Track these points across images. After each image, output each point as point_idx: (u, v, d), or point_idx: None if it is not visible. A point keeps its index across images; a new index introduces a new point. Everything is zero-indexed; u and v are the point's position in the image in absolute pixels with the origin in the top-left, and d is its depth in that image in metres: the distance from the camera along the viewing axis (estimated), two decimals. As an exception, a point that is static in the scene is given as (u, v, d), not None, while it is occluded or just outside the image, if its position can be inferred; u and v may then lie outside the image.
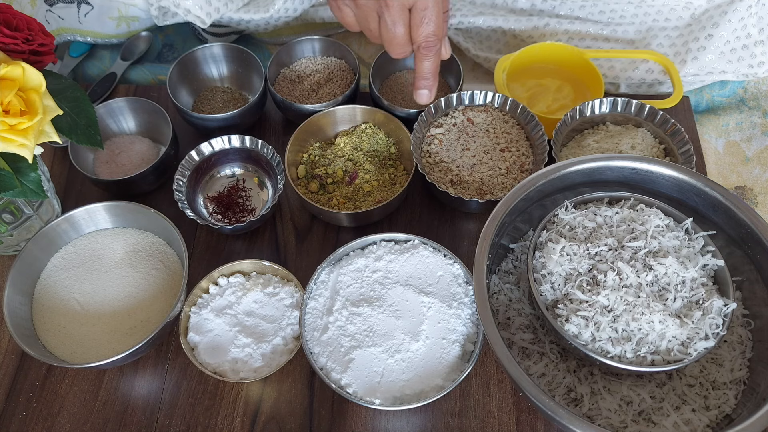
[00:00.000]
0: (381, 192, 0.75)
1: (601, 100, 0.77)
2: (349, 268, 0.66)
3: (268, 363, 0.63)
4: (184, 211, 0.72)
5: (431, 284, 0.65)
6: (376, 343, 0.61)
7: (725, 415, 0.59)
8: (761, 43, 0.83)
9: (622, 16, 0.87)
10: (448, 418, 0.65)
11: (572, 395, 0.61)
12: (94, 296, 0.67)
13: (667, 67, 0.81)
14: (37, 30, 0.62)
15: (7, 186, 0.60)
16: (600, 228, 0.62)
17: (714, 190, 0.62)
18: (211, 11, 0.85)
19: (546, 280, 0.60)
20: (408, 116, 0.78)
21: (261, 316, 0.66)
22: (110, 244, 0.71)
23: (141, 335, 0.65)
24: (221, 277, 0.69)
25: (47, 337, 0.65)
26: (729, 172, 0.82)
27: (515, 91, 0.84)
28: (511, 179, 0.74)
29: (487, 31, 0.91)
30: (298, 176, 0.77)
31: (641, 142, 0.75)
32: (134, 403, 0.67)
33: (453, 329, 0.62)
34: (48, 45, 0.63)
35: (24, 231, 0.73)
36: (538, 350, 0.63)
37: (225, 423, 0.65)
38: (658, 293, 0.58)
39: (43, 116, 0.57)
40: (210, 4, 0.85)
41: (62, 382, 0.68)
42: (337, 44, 0.86)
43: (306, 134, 0.78)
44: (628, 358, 0.55)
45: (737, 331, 0.62)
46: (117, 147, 0.80)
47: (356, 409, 0.65)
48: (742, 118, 0.85)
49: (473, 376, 0.67)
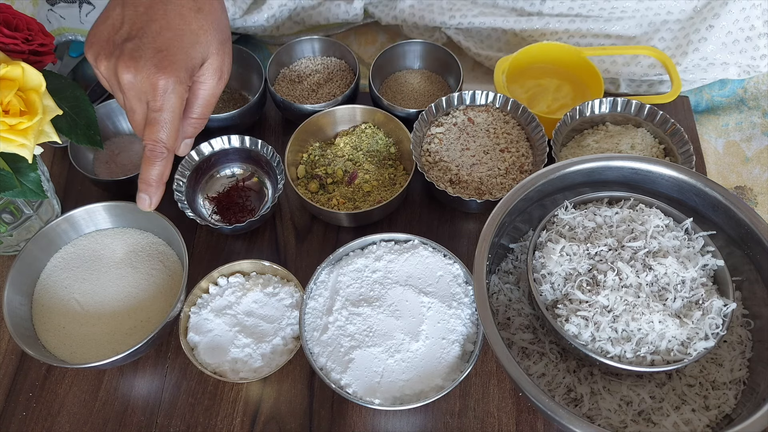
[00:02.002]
0: (381, 192, 0.75)
1: (601, 100, 0.77)
2: (349, 268, 0.66)
3: (267, 363, 0.63)
4: (183, 211, 0.72)
5: (431, 284, 0.65)
6: (375, 343, 0.61)
7: (725, 415, 0.59)
8: (765, 36, 0.82)
9: (623, 11, 0.86)
10: (448, 418, 0.65)
11: (572, 395, 0.61)
12: (94, 296, 0.67)
13: (665, 62, 0.81)
14: (36, 30, 0.62)
15: (7, 186, 0.60)
16: (600, 228, 0.62)
17: (714, 190, 0.62)
18: None
19: (546, 280, 0.60)
20: (408, 116, 0.78)
21: (261, 316, 0.66)
22: (110, 244, 0.71)
23: (141, 335, 0.65)
24: (221, 277, 0.69)
25: (47, 337, 0.65)
26: (729, 172, 0.82)
27: (515, 92, 0.84)
28: (510, 180, 0.74)
29: (488, 30, 0.91)
30: (298, 176, 0.77)
31: (641, 142, 0.75)
32: (134, 403, 0.67)
33: (453, 329, 0.62)
34: (48, 45, 0.63)
35: (24, 231, 0.73)
36: (537, 350, 0.63)
37: (225, 423, 0.65)
38: (658, 293, 0.58)
39: (43, 116, 0.57)
40: None
41: (62, 382, 0.68)
42: (337, 44, 0.86)
43: (306, 134, 0.78)
44: (627, 358, 0.55)
45: (737, 331, 0.62)
46: (117, 147, 0.80)
47: (356, 409, 0.65)
48: (741, 118, 0.85)
49: (473, 376, 0.67)
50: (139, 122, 0.57)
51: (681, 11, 0.86)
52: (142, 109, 0.56)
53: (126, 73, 0.54)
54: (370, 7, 0.92)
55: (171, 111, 0.55)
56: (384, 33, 0.97)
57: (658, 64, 0.84)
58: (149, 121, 0.56)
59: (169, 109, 0.55)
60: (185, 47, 0.55)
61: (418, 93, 0.86)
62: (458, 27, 0.90)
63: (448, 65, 0.85)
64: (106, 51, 0.55)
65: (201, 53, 0.56)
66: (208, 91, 0.59)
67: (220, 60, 0.58)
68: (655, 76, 0.86)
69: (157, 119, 0.55)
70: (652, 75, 0.85)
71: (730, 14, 0.81)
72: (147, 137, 0.56)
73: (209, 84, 0.58)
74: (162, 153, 0.57)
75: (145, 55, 0.53)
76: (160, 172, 0.59)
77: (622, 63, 0.86)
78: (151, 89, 0.54)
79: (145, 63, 0.53)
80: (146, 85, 0.54)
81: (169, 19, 0.55)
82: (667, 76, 0.84)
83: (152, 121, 0.55)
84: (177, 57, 0.54)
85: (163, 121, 0.55)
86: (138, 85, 0.54)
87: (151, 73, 0.53)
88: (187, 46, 0.55)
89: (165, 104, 0.55)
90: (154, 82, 0.53)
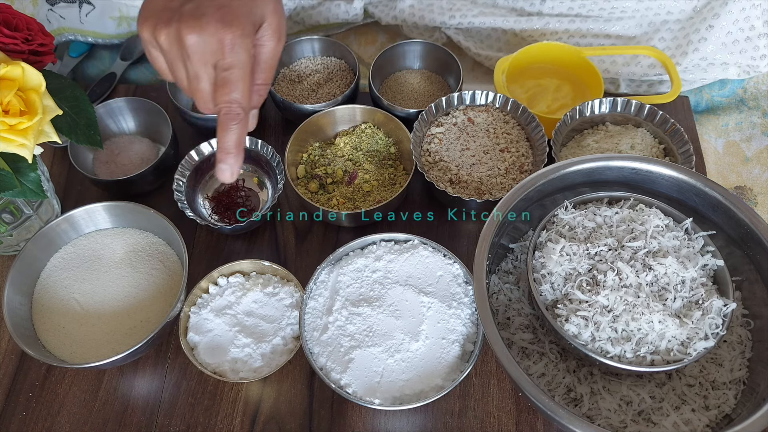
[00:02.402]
0: (381, 192, 0.75)
1: (601, 100, 0.77)
2: (349, 268, 0.66)
3: (267, 363, 0.63)
4: (183, 211, 0.72)
5: (431, 284, 0.65)
6: (375, 343, 0.61)
7: (725, 415, 0.59)
8: (765, 36, 0.82)
9: (623, 11, 0.86)
10: (448, 418, 0.65)
11: (572, 395, 0.61)
12: (94, 296, 0.67)
13: (664, 62, 0.81)
14: (36, 30, 0.62)
15: (6, 186, 0.60)
16: (600, 228, 0.62)
17: (714, 190, 0.62)
18: None
19: (546, 280, 0.60)
20: (408, 116, 0.78)
21: (261, 316, 0.66)
22: (110, 244, 0.71)
23: (141, 335, 0.65)
24: (221, 277, 0.69)
25: (47, 337, 0.65)
26: (729, 172, 0.82)
27: (515, 92, 0.84)
28: (510, 180, 0.74)
29: (488, 30, 0.91)
30: (297, 176, 0.77)
31: (641, 142, 0.75)
32: (134, 403, 0.67)
33: (453, 329, 0.62)
34: (48, 45, 0.63)
35: (24, 231, 0.73)
36: (537, 350, 0.63)
37: (225, 423, 0.65)
38: (658, 293, 0.58)
39: (43, 116, 0.57)
40: None
41: (62, 382, 0.68)
42: (336, 44, 0.86)
43: (306, 134, 0.78)
44: (627, 358, 0.55)
45: (737, 331, 0.62)
46: (117, 147, 0.80)
47: (356, 409, 0.65)
48: (741, 118, 0.85)
49: (473, 376, 0.67)
50: (205, 90, 0.54)
51: (681, 11, 0.86)
52: (208, 74, 0.53)
53: (190, 34, 0.52)
54: (370, 7, 0.92)
55: (242, 67, 0.53)
56: (384, 33, 0.97)
57: (658, 64, 0.84)
58: (220, 82, 0.53)
59: (240, 65, 0.53)
60: (246, 4, 0.54)
61: (418, 93, 0.86)
62: (458, 27, 0.90)
63: (448, 65, 0.85)
64: (164, 19, 0.53)
65: (261, 10, 0.55)
66: (269, 53, 0.57)
67: (277, 20, 0.56)
68: (655, 76, 0.86)
69: (229, 78, 0.53)
70: (652, 75, 0.85)
71: (730, 14, 0.81)
72: (220, 99, 0.54)
73: (270, 45, 0.56)
74: (239, 114, 0.54)
75: (208, 11, 0.52)
76: (238, 137, 0.56)
77: (622, 63, 0.86)
78: (219, 46, 0.52)
79: (208, 20, 0.52)
80: (213, 43, 0.52)
81: None
82: (667, 76, 0.84)
83: (223, 81, 0.53)
84: (240, 11, 0.53)
85: (235, 79, 0.53)
86: (204, 45, 0.52)
87: (217, 29, 0.52)
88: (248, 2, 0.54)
89: (235, 60, 0.52)
90: (221, 38, 0.52)
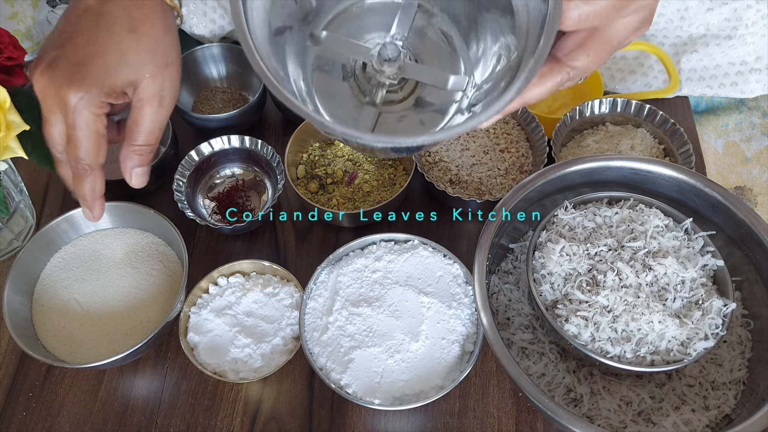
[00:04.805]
0: (381, 192, 0.75)
1: (601, 101, 0.77)
2: (349, 268, 0.66)
3: (267, 363, 0.63)
4: (183, 211, 0.72)
5: (431, 284, 0.65)
6: (375, 343, 0.61)
7: (725, 416, 0.59)
8: (757, 72, 0.81)
9: None
10: (448, 418, 0.65)
11: (572, 395, 0.61)
12: (94, 296, 0.67)
13: (662, 58, 0.81)
14: (7, 43, 0.60)
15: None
16: (599, 228, 0.62)
17: (713, 190, 0.62)
18: (215, 29, 0.87)
19: (545, 281, 0.60)
20: (408, 116, 0.78)
21: (261, 316, 0.66)
22: (110, 245, 0.71)
23: (141, 335, 0.65)
24: (221, 277, 0.69)
25: (47, 338, 0.65)
26: (728, 173, 0.82)
27: (515, 91, 0.84)
28: (510, 180, 0.74)
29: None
30: (297, 176, 0.77)
31: (641, 142, 0.75)
32: (134, 404, 0.67)
33: (452, 329, 0.62)
34: (16, 59, 0.60)
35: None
36: (537, 350, 0.63)
37: (225, 423, 0.65)
38: (658, 293, 0.58)
39: (7, 132, 0.55)
40: (214, 22, 0.86)
41: (62, 383, 0.68)
42: (336, 44, 0.86)
43: (306, 134, 0.78)
44: (627, 358, 0.55)
45: (737, 332, 0.62)
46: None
47: (356, 409, 0.65)
48: (741, 118, 0.85)
49: (473, 376, 0.67)
50: (51, 135, 0.53)
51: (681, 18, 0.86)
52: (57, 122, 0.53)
53: (40, 80, 0.52)
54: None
55: (85, 128, 0.52)
56: (384, 33, 0.97)
57: (658, 64, 0.84)
58: (67, 138, 0.53)
59: (82, 126, 0.52)
60: (107, 65, 0.52)
61: (418, 93, 0.86)
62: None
63: (448, 65, 0.85)
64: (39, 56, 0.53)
65: (126, 75, 0.53)
66: (148, 117, 0.55)
67: (157, 85, 0.54)
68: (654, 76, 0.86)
69: (72, 136, 0.52)
70: (651, 75, 0.85)
71: (724, 54, 0.81)
72: (69, 153, 0.54)
73: (148, 110, 0.54)
74: (85, 170, 0.55)
75: (61, 65, 0.51)
76: (91, 186, 0.56)
77: (622, 63, 0.86)
78: (62, 103, 0.52)
79: (57, 74, 0.51)
80: (57, 98, 0.52)
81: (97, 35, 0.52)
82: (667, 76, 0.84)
83: (68, 137, 0.53)
84: (92, 73, 0.51)
85: (77, 139, 0.52)
86: (49, 98, 0.52)
87: (62, 85, 0.51)
88: (110, 64, 0.52)
89: (77, 121, 0.52)
90: (63, 96, 0.51)
